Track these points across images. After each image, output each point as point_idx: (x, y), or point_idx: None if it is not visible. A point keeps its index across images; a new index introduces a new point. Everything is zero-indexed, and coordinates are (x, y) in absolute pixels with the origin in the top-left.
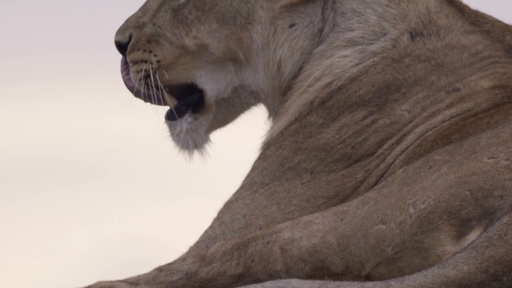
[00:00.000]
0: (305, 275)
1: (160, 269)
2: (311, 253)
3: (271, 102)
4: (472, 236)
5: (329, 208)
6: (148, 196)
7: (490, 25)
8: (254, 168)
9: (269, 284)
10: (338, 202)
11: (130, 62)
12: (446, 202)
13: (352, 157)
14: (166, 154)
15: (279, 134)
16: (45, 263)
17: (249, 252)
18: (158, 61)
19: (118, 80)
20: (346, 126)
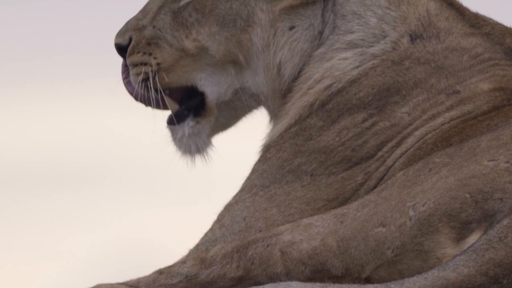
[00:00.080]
0: (305, 277)
1: (160, 272)
2: (311, 255)
3: (271, 104)
4: (472, 238)
5: (329, 211)
6: (148, 199)
7: (490, 27)
8: (254, 171)
9: (269, 287)
10: (338, 204)
11: (130, 64)
12: (446, 205)
13: (352, 159)
14: (166, 157)
15: (279, 136)
16: (46, 267)
17: (249, 254)
18: (158, 64)
19: (117, 84)
20: (346, 129)
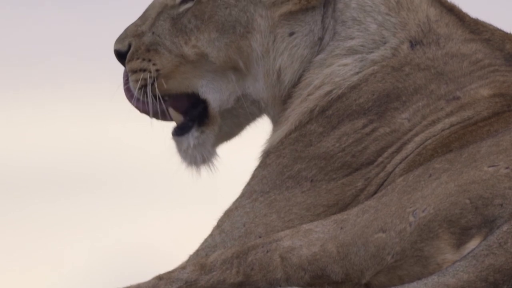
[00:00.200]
0: (305, 283)
1: (160, 278)
2: (311, 261)
3: (271, 110)
4: (472, 244)
5: (329, 217)
6: (148, 205)
7: (490, 33)
8: (254, 177)
9: None
10: (338, 210)
11: (129, 71)
12: (446, 211)
13: (352, 165)
14: (166, 163)
15: (279, 142)
16: (45, 272)
17: (249, 260)
18: (157, 70)
19: (117, 89)
20: (346, 135)
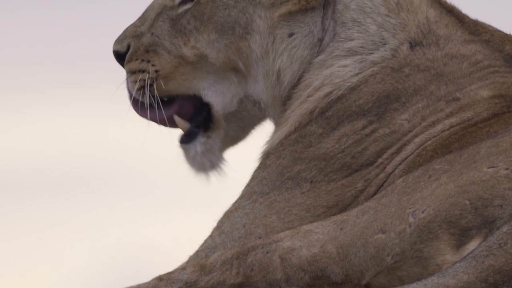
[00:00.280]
0: (304, 284)
1: (159, 279)
2: (310, 262)
3: (271, 112)
4: (472, 245)
5: (328, 218)
6: (148, 206)
7: (489, 34)
8: (253, 178)
9: None
10: (338, 211)
11: (127, 72)
12: (445, 211)
13: (351, 166)
14: (166, 164)
15: (278, 143)
16: (45, 273)
17: (248, 261)
18: (156, 71)
19: (116, 90)
20: (345, 136)
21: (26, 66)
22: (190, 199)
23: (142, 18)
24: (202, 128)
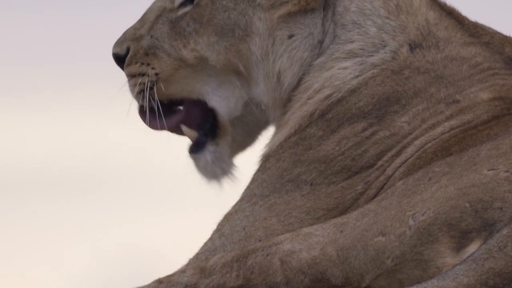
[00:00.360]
0: (304, 287)
1: (159, 281)
2: (310, 265)
3: (272, 114)
4: (472, 248)
5: (328, 220)
6: (148, 208)
7: (489, 36)
8: (253, 180)
9: None
10: (338, 214)
11: (127, 75)
12: (445, 214)
13: (352, 169)
14: (166, 166)
15: (278, 146)
16: (44, 274)
17: (248, 264)
18: (156, 74)
19: (117, 92)
20: (345, 138)
21: (26, 67)
22: (190, 201)
23: (142, 21)
24: (210, 136)
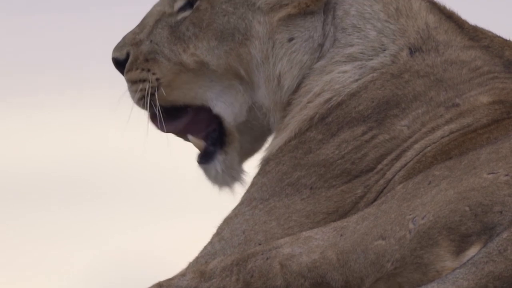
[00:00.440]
0: None
1: (159, 285)
2: (310, 268)
3: (273, 118)
4: (472, 251)
5: (328, 224)
6: (147, 212)
7: (489, 40)
8: (253, 184)
9: None
10: (338, 217)
11: (128, 81)
12: (445, 218)
13: (351, 172)
14: (166, 170)
15: (278, 149)
16: (45, 281)
17: (248, 267)
18: (157, 79)
19: (118, 97)
20: (345, 142)
21: (27, 71)
22: (190, 205)
23: (141, 25)
24: (218, 144)
